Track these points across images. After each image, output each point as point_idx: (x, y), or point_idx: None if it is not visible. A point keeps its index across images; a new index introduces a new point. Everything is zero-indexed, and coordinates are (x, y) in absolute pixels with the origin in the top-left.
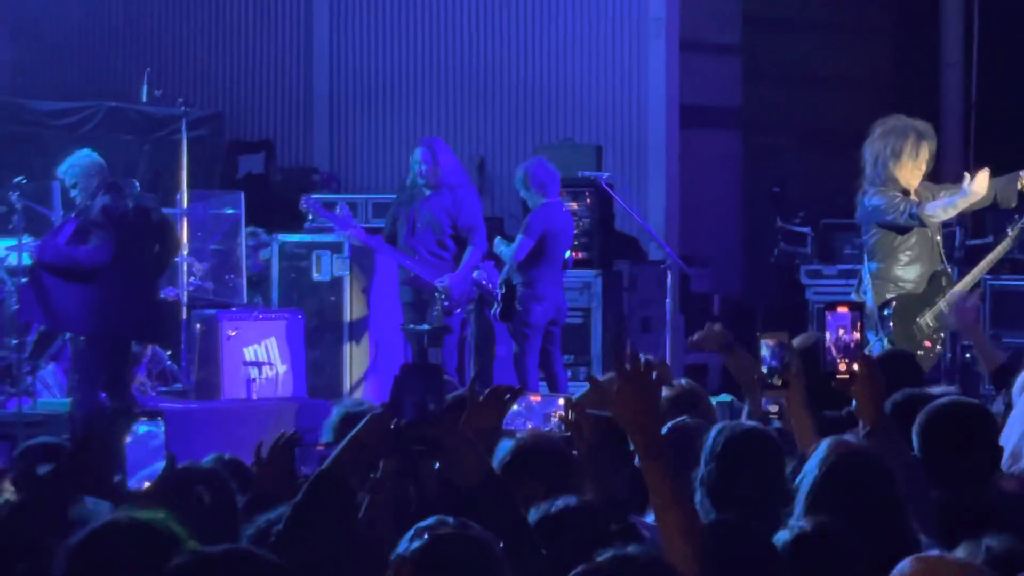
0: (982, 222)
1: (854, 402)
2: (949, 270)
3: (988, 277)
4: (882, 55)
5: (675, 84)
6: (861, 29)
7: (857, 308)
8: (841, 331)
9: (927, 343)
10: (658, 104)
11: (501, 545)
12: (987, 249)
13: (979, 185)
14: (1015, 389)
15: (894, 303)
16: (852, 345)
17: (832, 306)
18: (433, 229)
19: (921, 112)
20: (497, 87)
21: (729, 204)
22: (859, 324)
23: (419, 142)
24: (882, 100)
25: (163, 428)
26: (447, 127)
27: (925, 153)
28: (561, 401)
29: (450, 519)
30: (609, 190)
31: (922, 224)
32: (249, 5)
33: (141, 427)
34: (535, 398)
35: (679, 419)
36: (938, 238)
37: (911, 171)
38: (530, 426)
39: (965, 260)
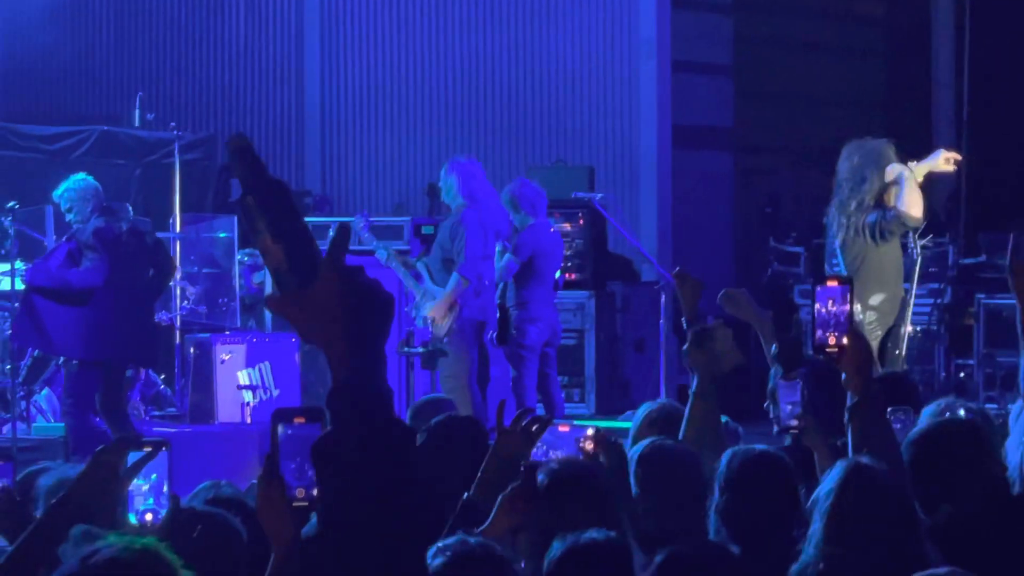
0: (976, 241)
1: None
2: None
3: (982, 296)
4: (873, 74)
5: (667, 104)
6: (852, 48)
7: (847, 282)
8: (831, 303)
9: None
10: (650, 125)
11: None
12: (979, 267)
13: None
14: (1011, 416)
15: None
16: (841, 318)
17: (822, 279)
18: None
19: (913, 131)
20: (488, 108)
21: (722, 225)
22: (848, 297)
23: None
24: (873, 119)
25: (167, 464)
26: (440, 149)
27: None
28: (590, 431)
29: (471, 539)
30: (602, 211)
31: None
32: (240, 28)
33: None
34: (563, 428)
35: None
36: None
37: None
38: (559, 455)
39: (957, 279)
